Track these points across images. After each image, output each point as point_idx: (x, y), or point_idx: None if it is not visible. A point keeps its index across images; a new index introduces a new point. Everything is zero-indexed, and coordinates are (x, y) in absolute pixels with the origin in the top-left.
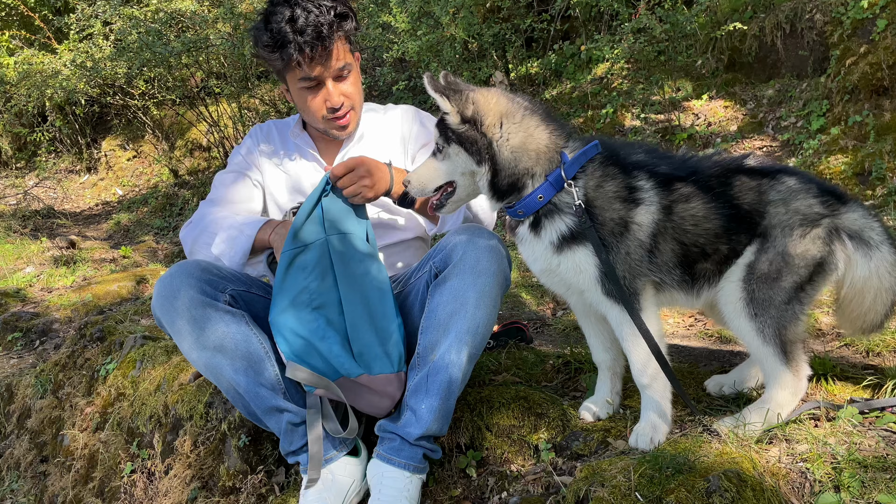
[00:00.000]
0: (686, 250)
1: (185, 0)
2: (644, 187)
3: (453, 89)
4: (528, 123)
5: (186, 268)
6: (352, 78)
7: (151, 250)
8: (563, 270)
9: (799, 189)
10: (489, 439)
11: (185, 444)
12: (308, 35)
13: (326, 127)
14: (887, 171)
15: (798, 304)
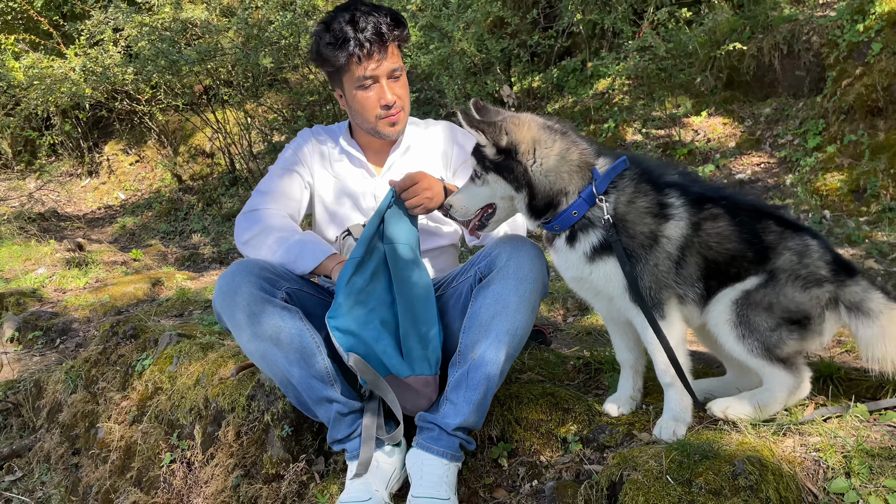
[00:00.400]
0: (707, 264)
1: (196, 9)
2: (675, 204)
3: (487, 122)
4: (560, 147)
5: (246, 266)
6: (402, 80)
7: (161, 254)
8: (595, 279)
9: (816, 250)
10: (518, 432)
11: (228, 434)
12: (368, 32)
13: (378, 126)
14: (882, 189)
15: (786, 332)
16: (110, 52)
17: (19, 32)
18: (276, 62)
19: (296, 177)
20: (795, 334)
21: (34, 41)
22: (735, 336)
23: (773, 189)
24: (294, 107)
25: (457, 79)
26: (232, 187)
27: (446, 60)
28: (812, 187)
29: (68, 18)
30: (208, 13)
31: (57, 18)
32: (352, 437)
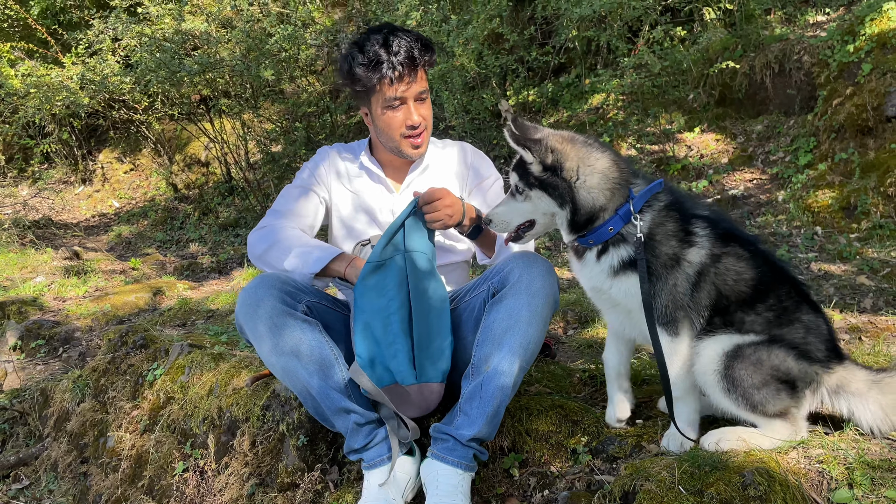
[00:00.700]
0: (718, 297)
1: (195, 20)
2: (699, 234)
3: (532, 139)
4: (602, 164)
5: (268, 280)
6: (427, 103)
7: (159, 263)
8: (615, 292)
9: (823, 331)
10: (529, 443)
11: (243, 443)
12: (401, 56)
13: (401, 145)
14: (872, 206)
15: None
16: (109, 62)
17: (16, 40)
18: (276, 74)
19: (311, 195)
20: (784, 394)
21: (31, 49)
22: (721, 389)
23: (765, 205)
24: (291, 117)
25: (456, 93)
26: (228, 197)
27: (446, 75)
28: (804, 204)
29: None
30: (208, 24)
31: (55, 27)
32: (369, 447)
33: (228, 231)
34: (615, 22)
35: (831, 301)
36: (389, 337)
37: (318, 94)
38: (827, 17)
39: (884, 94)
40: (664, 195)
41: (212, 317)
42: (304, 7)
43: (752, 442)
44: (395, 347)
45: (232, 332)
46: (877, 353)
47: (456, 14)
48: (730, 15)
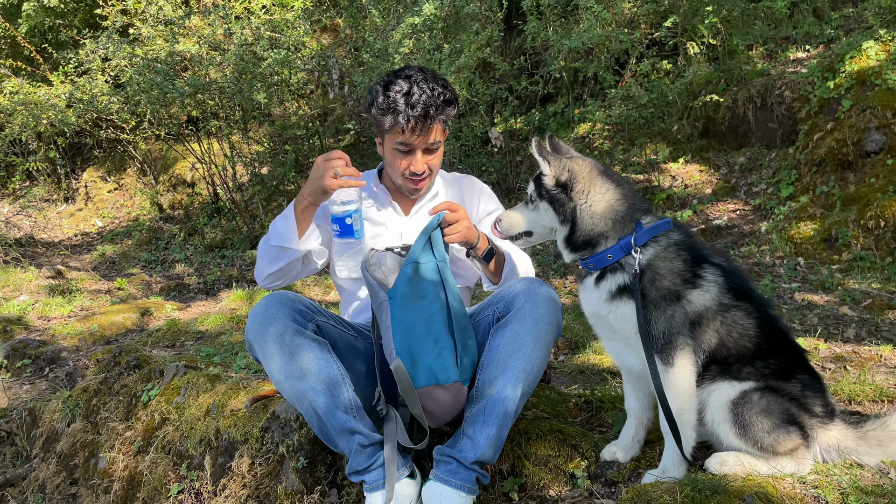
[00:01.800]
0: (720, 346)
1: (187, 42)
2: (708, 279)
3: (554, 154)
4: (612, 195)
5: (280, 298)
6: (438, 153)
7: (145, 283)
8: (612, 318)
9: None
10: (528, 467)
11: (241, 465)
12: (417, 111)
13: (403, 184)
14: (852, 239)
15: (784, 433)
16: (98, 81)
17: (3, 57)
18: (267, 97)
19: (315, 231)
20: (794, 434)
21: (18, 67)
22: (734, 433)
23: (748, 235)
24: (279, 139)
25: None
26: (215, 217)
27: None
28: (786, 235)
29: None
30: (199, 47)
31: (44, 45)
32: (371, 469)
33: (215, 252)
34: (602, 54)
35: (816, 331)
36: (434, 335)
37: (308, 118)
38: (807, 54)
39: (863, 130)
40: (676, 234)
41: (201, 338)
42: (295, 32)
43: (751, 467)
44: (440, 345)
45: (224, 354)
46: (862, 382)
47: (448, 43)
48: (713, 50)
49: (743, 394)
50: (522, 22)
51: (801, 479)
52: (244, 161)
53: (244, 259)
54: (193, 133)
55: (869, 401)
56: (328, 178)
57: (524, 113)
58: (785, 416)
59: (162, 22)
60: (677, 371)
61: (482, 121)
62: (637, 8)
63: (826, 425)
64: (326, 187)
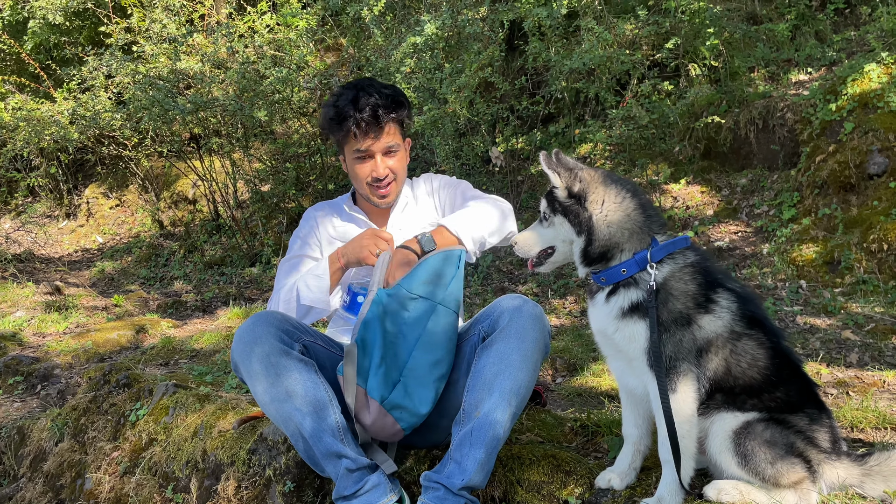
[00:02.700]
0: (726, 374)
1: (190, 60)
2: (722, 305)
3: (564, 167)
4: (628, 206)
5: (267, 318)
6: (398, 156)
7: (143, 300)
8: (618, 337)
9: (825, 422)
10: (520, 493)
11: (228, 488)
12: (366, 113)
13: (369, 193)
14: (855, 262)
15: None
16: (101, 98)
17: (7, 74)
18: (269, 115)
19: (306, 261)
20: (798, 467)
21: (23, 83)
22: (736, 463)
23: (750, 257)
24: (281, 157)
25: (447, 139)
26: (215, 235)
27: (438, 121)
28: (788, 257)
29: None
30: (202, 65)
31: (48, 62)
32: (358, 494)
33: (214, 269)
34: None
35: (818, 355)
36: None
37: (310, 136)
38: (809, 76)
39: (866, 153)
40: (692, 254)
41: (196, 356)
42: (299, 51)
43: (750, 497)
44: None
45: (217, 373)
46: (865, 408)
47: (449, 62)
48: (715, 72)
49: (746, 424)
50: (524, 42)
51: None
52: (245, 178)
53: (243, 277)
54: (195, 150)
55: (871, 427)
56: (367, 251)
57: (526, 133)
58: (789, 448)
59: (165, 40)
60: (679, 398)
61: (483, 140)
62: (639, 29)
63: (833, 462)
64: (364, 261)
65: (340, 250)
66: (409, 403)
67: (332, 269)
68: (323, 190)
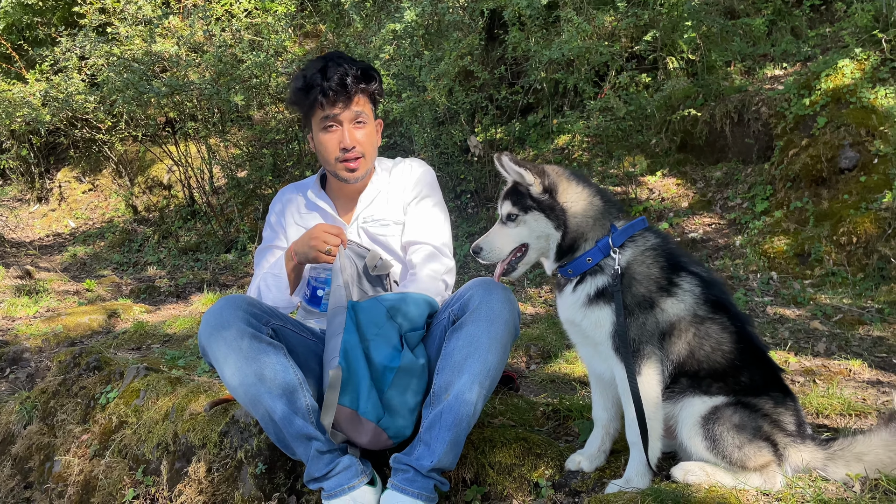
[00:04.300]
0: (689, 357)
1: (166, 43)
2: (684, 288)
3: (530, 164)
4: (587, 193)
5: (235, 301)
6: (367, 129)
7: (115, 285)
8: (586, 324)
9: (790, 406)
10: (491, 476)
11: (198, 470)
12: (334, 82)
13: (337, 169)
14: (825, 254)
15: (755, 449)
16: (74, 80)
17: None
18: (246, 100)
19: (275, 251)
20: (765, 451)
21: None
22: (705, 447)
23: (723, 249)
24: (258, 143)
25: (426, 127)
26: (190, 220)
27: (417, 109)
28: (760, 249)
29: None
30: (178, 48)
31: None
32: (329, 476)
33: (188, 255)
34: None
35: (787, 344)
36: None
37: (287, 122)
38: (784, 71)
39: (837, 147)
40: (653, 236)
41: (168, 341)
42: (277, 36)
43: (715, 478)
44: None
45: (190, 357)
46: (830, 395)
47: (429, 50)
48: (692, 65)
49: (714, 409)
50: (504, 32)
51: (765, 491)
52: (221, 164)
53: (218, 263)
54: (171, 135)
55: (836, 414)
56: (315, 251)
57: (504, 123)
58: (757, 431)
59: (141, 21)
60: (643, 380)
61: (462, 129)
62: (618, 21)
63: (798, 445)
64: (314, 259)
65: (293, 247)
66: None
67: (287, 267)
68: (300, 177)
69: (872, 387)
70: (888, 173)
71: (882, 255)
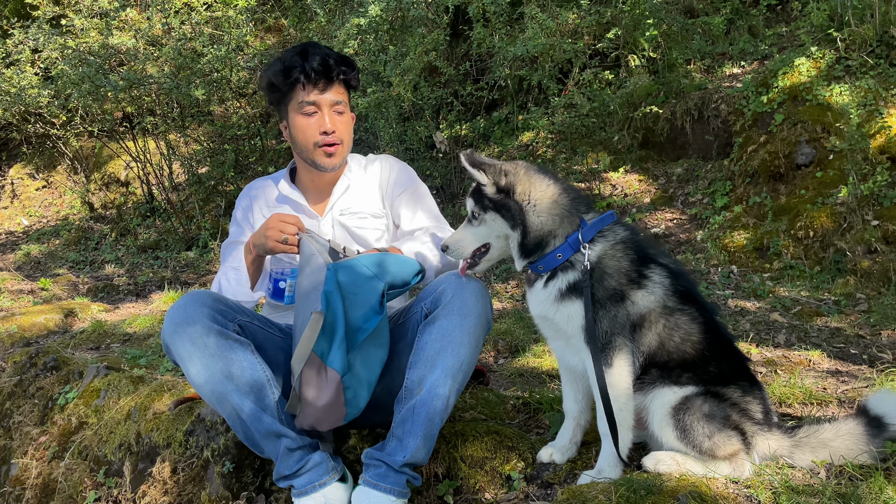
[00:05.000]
0: (659, 349)
1: (123, 36)
2: (654, 279)
3: (487, 163)
4: (552, 191)
5: (200, 297)
6: (345, 118)
7: (72, 284)
8: (558, 318)
9: (757, 394)
10: (464, 470)
11: (163, 470)
12: (315, 64)
13: (315, 156)
14: (783, 248)
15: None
16: (27, 73)
17: None
18: (207, 94)
19: (241, 248)
20: (735, 440)
21: None
22: (675, 437)
23: (685, 244)
24: (219, 139)
25: (391, 122)
26: (149, 217)
27: (382, 104)
28: (720, 244)
29: None
30: (136, 41)
31: None
32: (299, 474)
33: (148, 253)
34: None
35: (748, 336)
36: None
37: (249, 118)
38: (742, 69)
39: (794, 144)
40: (622, 230)
41: (129, 340)
42: (238, 31)
43: (686, 467)
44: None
45: (151, 356)
46: (792, 385)
47: (394, 45)
48: (653, 63)
49: (685, 399)
50: (468, 28)
51: (734, 479)
52: (181, 160)
53: (179, 261)
54: (128, 130)
55: (798, 403)
56: (272, 241)
57: (469, 120)
58: (726, 421)
59: (96, 14)
60: (615, 372)
61: (427, 125)
62: (581, 19)
63: (765, 433)
64: (271, 249)
65: (251, 239)
66: (358, 387)
67: (247, 260)
68: (263, 173)
69: (832, 376)
70: (843, 169)
71: (838, 249)
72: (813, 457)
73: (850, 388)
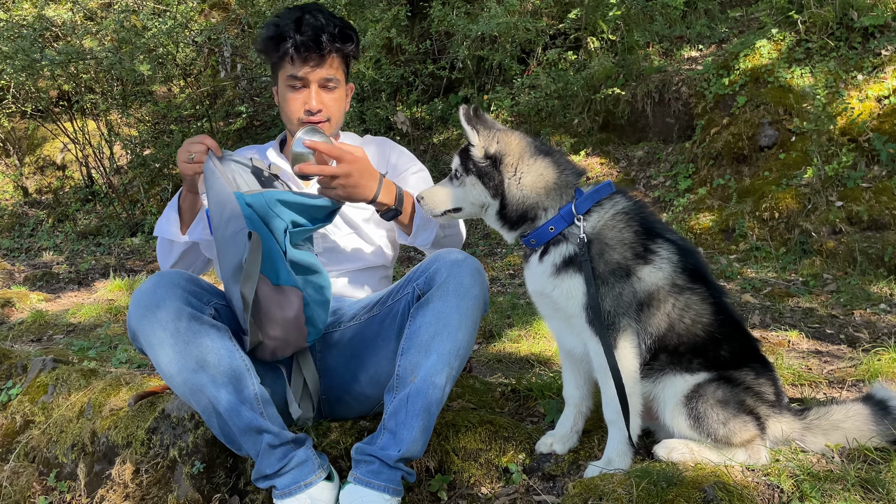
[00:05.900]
0: (669, 331)
1: (58, 8)
2: (662, 255)
3: (484, 125)
4: (540, 164)
5: (171, 278)
6: (336, 94)
7: (7, 272)
8: (556, 294)
9: (768, 376)
10: (457, 463)
11: (124, 472)
12: (307, 35)
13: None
14: (748, 230)
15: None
16: None
17: None
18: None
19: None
20: (750, 426)
21: None
22: (688, 426)
23: None
24: (163, 121)
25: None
26: (89, 202)
27: None
28: (686, 226)
29: None
30: (73, 14)
31: None
32: (282, 473)
33: (89, 239)
34: (507, 43)
35: None
36: None
37: (196, 98)
38: (700, 52)
39: (757, 125)
40: (623, 199)
41: (73, 331)
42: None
43: (700, 455)
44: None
45: (101, 347)
46: (779, 366)
47: (352, 21)
48: (613, 45)
49: (697, 386)
50: (428, 5)
51: (751, 466)
52: (123, 142)
53: (123, 247)
54: (65, 110)
55: (789, 384)
56: (181, 162)
57: (427, 102)
58: (740, 406)
59: None
60: (620, 355)
61: (384, 106)
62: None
63: (777, 416)
64: (183, 173)
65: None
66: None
67: (181, 196)
68: None
69: (814, 356)
70: (806, 150)
71: (803, 230)
72: (825, 440)
73: (835, 368)
